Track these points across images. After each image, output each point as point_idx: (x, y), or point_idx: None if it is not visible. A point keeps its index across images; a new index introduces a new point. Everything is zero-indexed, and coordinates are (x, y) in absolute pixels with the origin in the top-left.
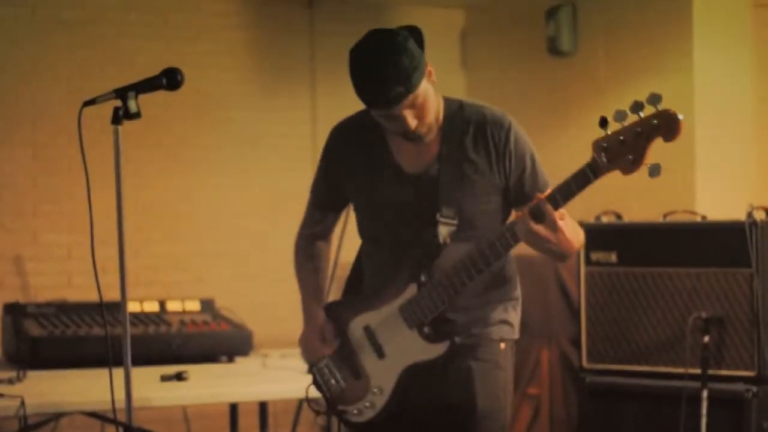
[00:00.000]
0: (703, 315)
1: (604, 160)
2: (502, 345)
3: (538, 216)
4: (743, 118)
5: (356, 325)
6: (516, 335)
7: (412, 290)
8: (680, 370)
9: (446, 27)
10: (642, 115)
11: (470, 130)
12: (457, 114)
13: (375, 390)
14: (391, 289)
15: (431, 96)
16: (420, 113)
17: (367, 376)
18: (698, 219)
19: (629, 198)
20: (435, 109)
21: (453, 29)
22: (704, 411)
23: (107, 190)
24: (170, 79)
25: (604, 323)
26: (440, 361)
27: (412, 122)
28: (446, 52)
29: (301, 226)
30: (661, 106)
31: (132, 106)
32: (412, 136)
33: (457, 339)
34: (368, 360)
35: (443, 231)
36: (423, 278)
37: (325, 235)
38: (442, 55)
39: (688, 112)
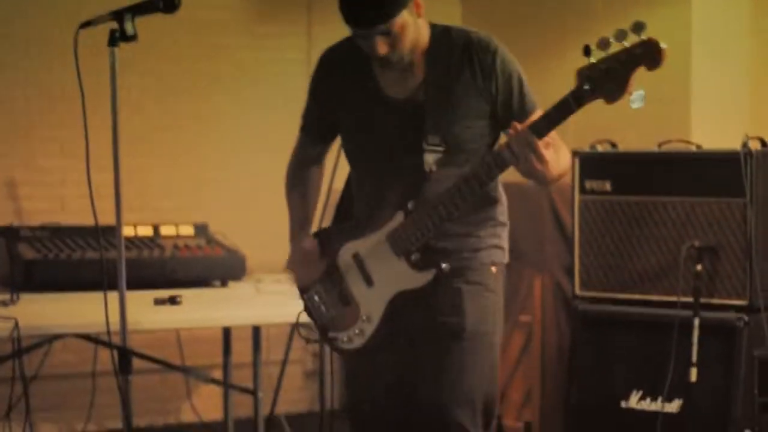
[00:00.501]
0: (696, 244)
1: (587, 88)
2: (493, 268)
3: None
4: (739, 49)
5: (346, 252)
6: (506, 259)
7: (399, 218)
8: (672, 299)
9: None
10: (626, 43)
11: (456, 53)
12: (443, 38)
13: (364, 317)
14: (380, 217)
15: (410, 28)
16: (394, 42)
17: (357, 304)
18: (693, 148)
19: (624, 127)
20: (413, 42)
21: None
22: (695, 339)
23: (101, 116)
24: (167, 2)
25: (598, 251)
26: (428, 288)
27: (382, 49)
28: None
29: (293, 151)
30: (645, 34)
31: (128, 28)
32: (380, 61)
33: (444, 266)
34: (357, 287)
35: (429, 158)
36: (410, 206)
37: (316, 160)
38: None
39: (685, 42)
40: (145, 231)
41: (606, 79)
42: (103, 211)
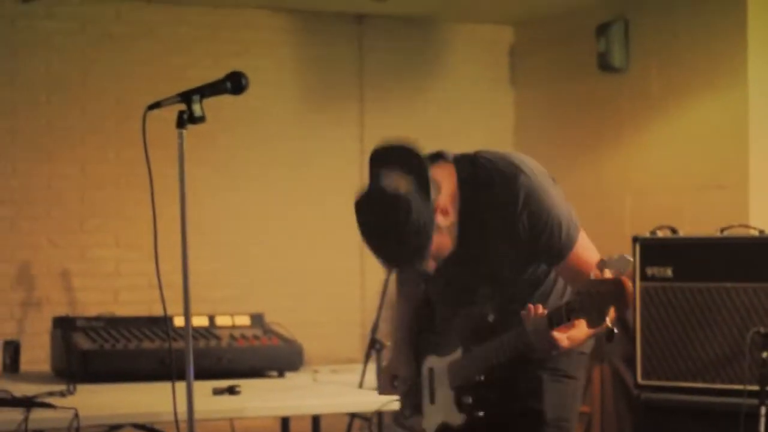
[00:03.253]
0: (762, 330)
1: (577, 306)
2: (573, 355)
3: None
4: None
5: (426, 364)
6: (587, 348)
7: (458, 354)
8: (738, 387)
9: (495, 43)
10: (611, 274)
11: (483, 197)
12: (469, 180)
13: (425, 428)
14: (449, 344)
15: (443, 233)
16: (437, 245)
17: (422, 414)
18: (755, 233)
19: (684, 213)
20: (449, 233)
21: (502, 46)
22: (762, 428)
23: (156, 205)
24: (234, 83)
25: (660, 339)
26: (508, 375)
27: (432, 266)
28: (495, 69)
29: None
30: (625, 272)
31: (196, 109)
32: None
33: (479, 414)
34: (425, 400)
35: (488, 310)
36: (472, 348)
37: None
38: (491, 72)
39: (743, 126)
40: (201, 321)
41: (590, 305)
42: (159, 301)
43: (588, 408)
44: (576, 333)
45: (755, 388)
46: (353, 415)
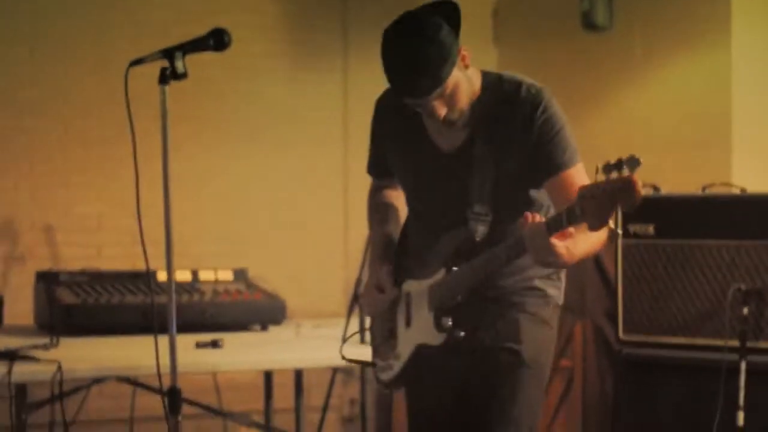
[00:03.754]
0: (742, 287)
1: (579, 211)
2: (551, 304)
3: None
4: None
5: (403, 289)
6: (561, 300)
7: (440, 275)
8: (719, 342)
9: (478, 3)
10: (617, 174)
11: (503, 106)
12: (493, 88)
13: (396, 354)
14: (430, 267)
15: (463, 83)
16: (450, 102)
17: (396, 339)
18: (737, 192)
19: (666, 171)
20: (468, 95)
21: (485, 5)
22: (743, 383)
23: (138, 161)
24: (217, 40)
25: (641, 295)
26: (443, 349)
27: (441, 111)
28: (478, 28)
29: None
30: (636, 170)
31: (179, 66)
32: (443, 123)
33: (458, 334)
34: (400, 324)
35: (477, 228)
36: (454, 269)
37: (388, 186)
38: (474, 31)
39: (726, 85)
40: (184, 276)
41: (592, 208)
42: (142, 256)
43: (569, 363)
44: (574, 246)
45: (735, 343)
46: (336, 369)
